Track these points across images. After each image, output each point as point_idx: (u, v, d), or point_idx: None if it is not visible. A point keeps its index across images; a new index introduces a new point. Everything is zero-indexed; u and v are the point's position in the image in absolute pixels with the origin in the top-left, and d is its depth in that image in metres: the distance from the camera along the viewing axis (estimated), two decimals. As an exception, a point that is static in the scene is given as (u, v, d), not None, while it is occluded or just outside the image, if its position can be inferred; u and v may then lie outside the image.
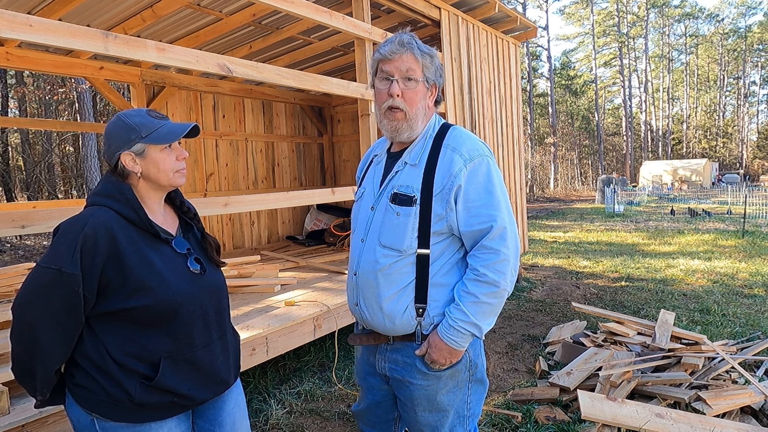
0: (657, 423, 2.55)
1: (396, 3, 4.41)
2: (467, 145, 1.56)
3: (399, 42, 1.55)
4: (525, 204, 6.69)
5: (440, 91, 1.67)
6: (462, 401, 1.65)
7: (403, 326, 1.58)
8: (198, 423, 1.55)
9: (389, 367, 1.65)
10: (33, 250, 11.01)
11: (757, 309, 5.10)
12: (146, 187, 1.43)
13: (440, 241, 1.55)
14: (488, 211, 1.50)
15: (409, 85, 1.55)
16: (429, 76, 1.58)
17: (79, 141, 14.60)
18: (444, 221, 1.53)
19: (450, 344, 1.51)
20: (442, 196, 1.52)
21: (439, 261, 1.55)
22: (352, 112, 7.61)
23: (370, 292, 1.59)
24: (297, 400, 3.31)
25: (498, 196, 1.53)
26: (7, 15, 1.93)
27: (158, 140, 1.39)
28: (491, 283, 1.49)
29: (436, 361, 1.55)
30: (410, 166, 1.59)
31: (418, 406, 1.62)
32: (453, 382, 1.61)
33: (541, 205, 24.11)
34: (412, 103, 1.56)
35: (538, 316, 5.12)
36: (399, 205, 1.55)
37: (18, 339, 1.29)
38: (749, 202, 13.79)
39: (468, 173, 1.51)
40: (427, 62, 1.57)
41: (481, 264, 1.50)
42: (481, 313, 1.50)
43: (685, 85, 51.60)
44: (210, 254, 1.55)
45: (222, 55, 3.23)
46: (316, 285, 4.13)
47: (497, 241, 1.49)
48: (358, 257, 1.64)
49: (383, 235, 1.57)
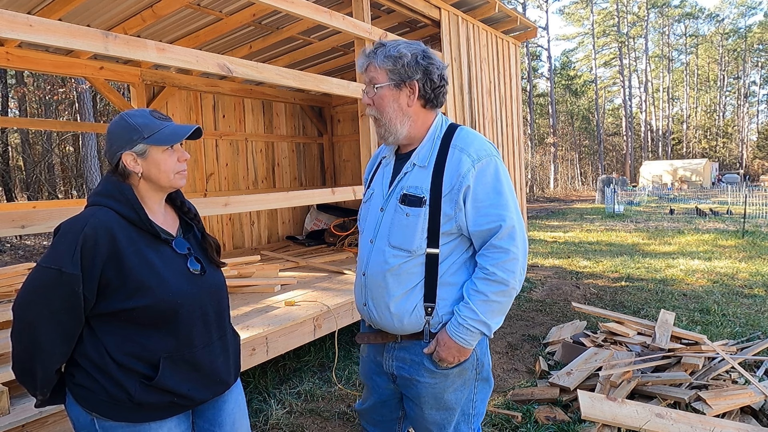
0: (657, 423, 2.55)
1: (396, 3, 4.41)
2: (475, 145, 1.57)
3: (364, 54, 1.62)
4: (525, 204, 6.69)
5: (426, 87, 1.59)
6: (468, 399, 1.67)
7: (411, 325, 1.59)
8: (198, 423, 1.55)
9: (397, 366, 1.66)
10: (33, 250, 11.01)
11: (757, 309, 5.10)
12: (147, 187, 1.43)
13: (449, 241, 1.57)
14: (497, 210, 1.52)
15: (377, 92, 1.60)
16: (396, 78, 1.57)
17: (79, 141, 14.60)
18: (453, 221, 1.54)
19: (459, 342, 1.53)
20: (451, 197, 1.53)
21: (448, 260, 1.57)
22: (352, 112, 7.60)
23: (379, 293, 1.61)
24: (297, 400, 3.31)
25: (506, 196, 1.54)
26: (7, 15, 1.93)
27: (161, 141, 1.40)
28: (501, 281, 1.50)
29: (444, 359, 1.56)
30: (419, 167, 1.60)
31: (425, 404, 1.64)
32: (460, 381, 1.63)
33: (541, 205, 24.11)
34: (381, 109, 1.60)
35: (538, 316, 5.12)
36: (408, 206, 1.56)
37: (18, 339, 1.29)
38: (749, 202, 13.78)
39: (476, 173, 1.52)
40: (389, 66, 1.56)
41: (491, 263, 1.51)
42: (490, 312, 1.52)
43: (685, 85, 51.61)
44: (210, 255, 1.55)
45: (222, 55, 3.23)
46: (316, 285, 4.13)
47: (506, 240, 1.51)
48: (367, 258, 1.66)
49: (393, 236, 1.59)
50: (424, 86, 1.60)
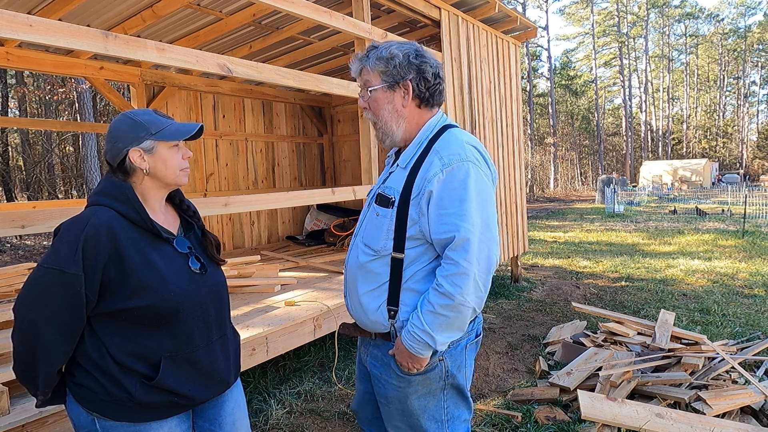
0: (657, 423, 2.55)
1: (396, 3, 4.41)
2: (450, 149, 1.50)
3: (356, 58, 1.61)
4: (525, 204, 6.69)
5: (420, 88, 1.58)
6: (437, 407, 1.61)
7: (377, 324, 1.59)
8: (198, 423, 1.55)
9: (370, 362, 1.68)
10: (33, 250, 11.01)
11: (757, 309, 5.10)
12: (150, 185, 1.44)
13: (416, 246, 1.52)
14: (455, 219, 1.43)
15: (371, 95, 1.60)
16: (388, 79, 1.56)
17: (79, 141, 14.60)
18: (417, 226, 1.50)
19: (410, 349, 1.48)
20: (416, 201, 1.49)
21: (414, 266, 1.53)
22: (352, 112, 7.61)
23: (353, 286, 1.64)
24: (297, 400, 3.31)
25: (469, 205, 1.44)
26: (7, 15, 1.93)
27: (168, 137, 1.42)
28: (446, 294, 1.42)
29: (401, 364, 1.54)
30: (401, 168, 1.59)
31: (391, 404, 1.63)
32: (424, 389, 1.58)
33: (541, 205, 24.11)
34: (377, 111, 1.61)
35: (538, 316, 5.13)
36: (379, 206, 1.57)
37: (20, 338, 1.30)
38: (749, 202, 13.78)
39: (444, 178, 1.46)
40: (381, 67, 1.56)
41: (441, 274, 1.44)
42: (435, 324, 1.44)
43: (685, 85, 51.60)
44: (210, 252, 1.56)
45: (222, 55, 3.23)
46: (316, 285, 4.13)
47: (458, 252, 1.41)
48: (349, 252, 1.71)
49: (365, 234, 1.61)
50: (419, 85, 1.57)
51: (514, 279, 6.62)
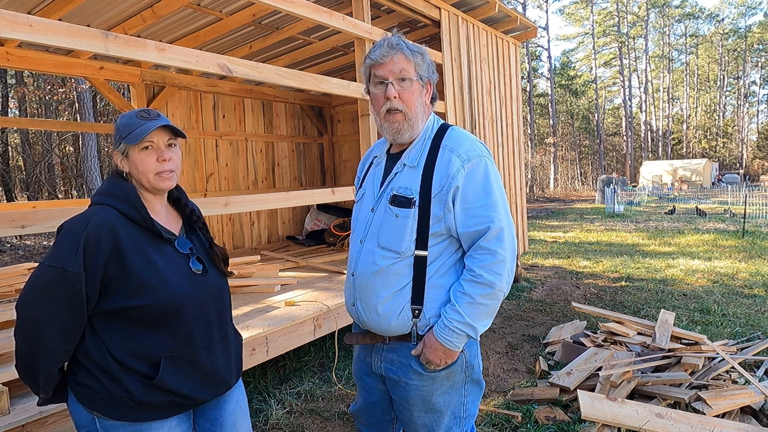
0: (657, 423, 2.55)
1: (396, 3, 4.41)
2: (465, 146, 1.56)
3: (388, 45, 1.56)
4: (525, 204, 6.69)
5: (434, 88, 1.66)
6: (458, 402, 1.64)
7: (399, 327, 1.58)
8: (199, 423, 1.55)
9: (385, 367, 1.65)
10: (33, 250, 11.01)
11: (757, 309, 5.10)
12: (138, 187, 1.44)
13: (439, 242, 1.55)
14: (485, 211, 1.50)
15: (404, 86, 1.56)
16: (422, 74, 1.59)
17: (79, 141, 14.59)
18: (442, 222, 1.53)
19: (445, 344, 1.51)
20: (440, 198, 1.52)
21: (436, 262, 1.56)
22: (352, 112, 7.61)
23: (367, 294, 1.60)
24: (297, 400, 3.31)
25: (495, 197, 1.52)
26: (7, 15, 1.93)
27: (130, 140, 1.38)
28: (487, 284, 1.49)
29: (431, 362, 1.55)
30: (409, 167, 1.59)
31: (413, 407, 1.62)
32: (448, 383, 1.61)
33: (541, 205, 24.11)
34: (409, 103, 1.57)
35: (538, 316, 5.13)
36: (398, 207, 1.55)
37: (22, 337, 1.30)
38: (749, 202, 13.78)
39: (466, 174, 1.51)
40: (418, 60, 1.57)
41: (478, 265, 1.50)
42: (476, 314, 1.50)
43: (685, 85, 51.60)
44: (217, 265, 1.55)
45: (222, 55, 3.23)
46: (316, 285, 4.13)
47: (494, 242, 1.49)
48: (357, 259, 1.65)
49: (382, 237, 1.58)
50: (434, 87, 1.63)
51: (514, 279, 6.61)
